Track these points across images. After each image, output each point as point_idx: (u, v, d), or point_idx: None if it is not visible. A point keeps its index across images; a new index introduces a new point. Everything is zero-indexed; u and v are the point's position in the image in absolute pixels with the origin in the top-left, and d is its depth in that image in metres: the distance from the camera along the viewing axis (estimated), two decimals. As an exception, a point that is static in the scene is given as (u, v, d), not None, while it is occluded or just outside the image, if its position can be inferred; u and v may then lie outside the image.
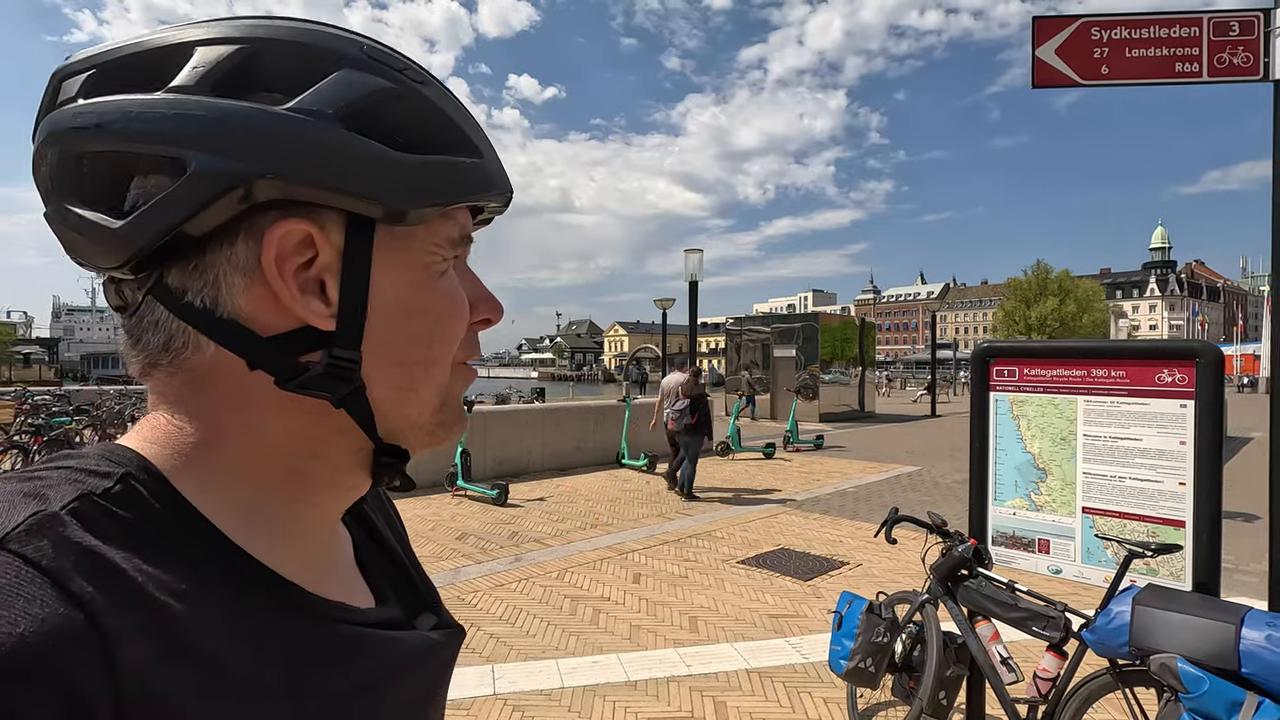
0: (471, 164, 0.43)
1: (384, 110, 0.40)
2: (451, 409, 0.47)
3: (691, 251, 15.10)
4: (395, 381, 0.43)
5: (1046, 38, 2.19)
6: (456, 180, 0.42)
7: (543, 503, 7.64)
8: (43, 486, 0.36)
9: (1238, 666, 1.84)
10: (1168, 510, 2.27)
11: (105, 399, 12.01)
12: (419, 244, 0.43)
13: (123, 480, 0.37)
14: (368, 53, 0.41)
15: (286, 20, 0.41)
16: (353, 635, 0.44)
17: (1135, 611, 2.05)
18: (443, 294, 0.44)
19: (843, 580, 5.06)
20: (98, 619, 0.32)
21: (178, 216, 0.36)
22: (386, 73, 0.41)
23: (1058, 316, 56.28)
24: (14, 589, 0.31)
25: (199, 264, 0.38)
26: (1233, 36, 2.20)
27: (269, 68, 0.39)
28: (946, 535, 2.77)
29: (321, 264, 0.40)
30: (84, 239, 0.39)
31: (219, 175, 0.36)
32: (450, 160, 0.42)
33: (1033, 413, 2.58)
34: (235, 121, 0.37)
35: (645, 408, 11.24)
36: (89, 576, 0.33)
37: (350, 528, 0.53)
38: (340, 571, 0.49)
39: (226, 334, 0.39)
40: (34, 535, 0.33)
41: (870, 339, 21.17)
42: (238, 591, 0.38)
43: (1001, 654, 2.53)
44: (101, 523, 0.35)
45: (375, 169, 0.39)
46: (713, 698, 3.30)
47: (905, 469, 10.42)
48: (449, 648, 0.52)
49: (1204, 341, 2.33)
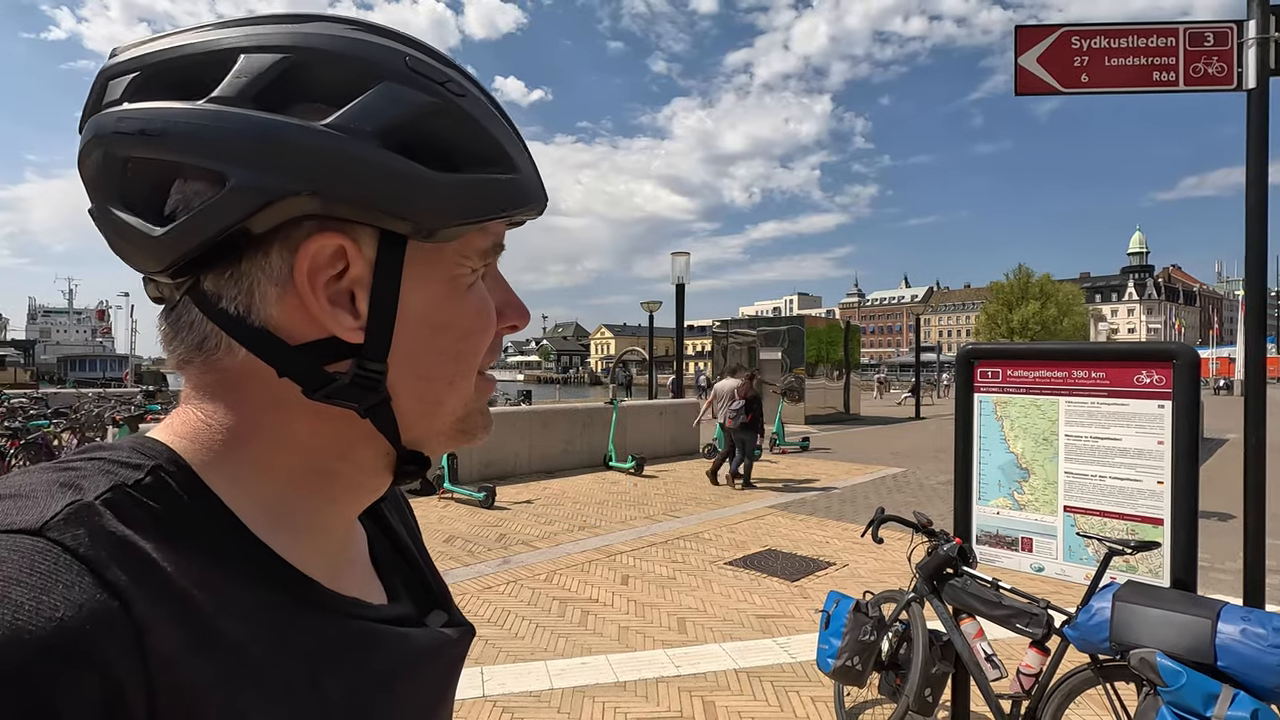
0: (508, 180, 0.43)
1: (423, 127, 0.40)
2: (473, 417, 0.47)
3: (679, 255, 15.15)
4: (421, 394, 0.44)
5: (1028, 46, 2.25)
6: (492, 197, 0.42)
7: (530, 505, 7.62)
8: (77, 477, 0.37)
9: (1214, 660, 1.88)
10: (1146, 508, 2.32)
11: (84, 402, 11.82)
12: (450, 257, 0.43)
13: (153, 472, 0.38)
14: (410, 65, 0.41)
15: (330, 25, 0.41)
16: (367, 630, 0.44)
17: (1115, 608, 2.09)
18: (470, 307, 0.45)
19: (829, 581, 5.10)
20: (131, 606, 0.33)
21: (215, 228, 0.37)
22: (428, 86, 0.41)
23: (1039, 320, 57.11)
24: (53, 575, 0.32)
25: (234, 272, 0.39)
26: (1207, 47, 2.26)
27: (311, 78, 0.39)
28: (932, 535, 2.81)
29: (353, 277, 0.40)
30: (125, 242, 0.40)
31: (257, 190, 0.37)
32: (486, 178, 0.42)
33: (1016, 413, 2.63)
34: (274, 136, 0.37)
35: (633, 410, 11.25)
36: (123, 565, 0.34)
37: (366, 525, 0.54)
38: (356, 568, 0.50)
39: (257, 341, 0.40)
40: (71, 524, 0.34)
41: (855, 342, 21.32)
42: (260, 584, 0.39)
43: (986, 651, 2.57)
44: (133, 513, 0.36)
45: (412, 188, 0.39)
46: (701, 698, 3.32)
47: (890, 470, 10.51)
48: (459, 646, 0.53)
49: (1181, 344, 2.39)
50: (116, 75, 0.40)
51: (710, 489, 8.74)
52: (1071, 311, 59.54)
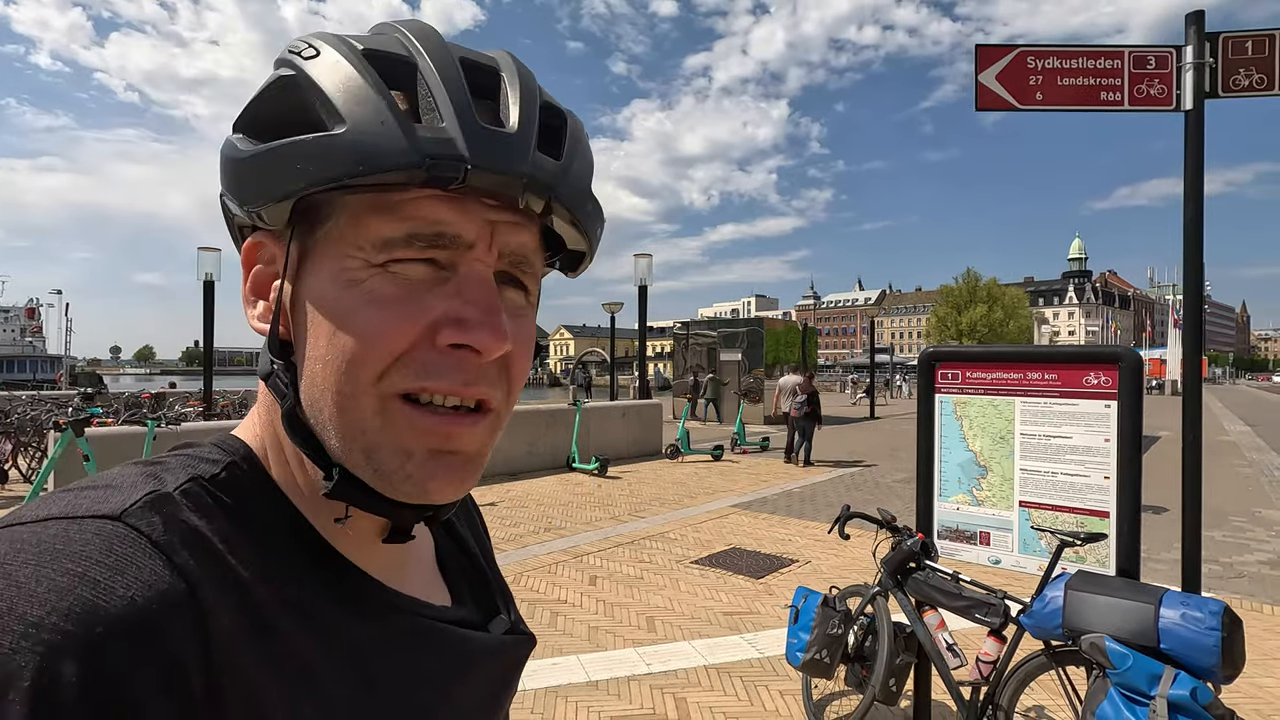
0: (318, 139, 0.36)
1: (270, 105, 0.39)
2: (385, 456, 0.39)
3: (641, 256, 15.21)
4: (311, 402, 0.40)
5: (988, 64, 2.37)
6: (298, 164, 0.37)
7: (494, 507, 7.56)
8: (161, 470, 0.39)
9: (1157, 643, 2.01)
10: (1094, 502, 2.47)
11: (17, 405, 11.22)
12: (338, 249, 0.39)
13: (229, 468, 0.41)
14: (290, 46, 0.40)
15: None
16: (425, 628, 0.46)
17: (1068, 596, 2.21)
18: (346, 303, 0.38)
19: (793, 577, 5.21)
20: (197, 591, 0.34)
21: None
22: (289, 60, 0.39)
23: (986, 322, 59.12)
24: (129, 558, 0.34)
25: None
26: (1149, 70, 2.42)
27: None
28: (896, 530, 2.92)
29: (274, 270, 0.43)
30: None
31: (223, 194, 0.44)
32: (293, 141, 0.37)
33: (974, 413, 2.75)
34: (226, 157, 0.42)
35: (596, 412, 11.26)
36: (192, 551, 0.35)
37: (432, 528, 0.54)
38: (419, 569, 0.51)
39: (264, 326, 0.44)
40: (148, 511, 0.36)
41: (812, 343, 21.76)
42: (320, 578, 0.41)
43: (947, 641, 2.68)
44: (206, 504, 0.38)
45: (230, 167, 0.41)
46: (673, 694, 3.37)
47: (848, 470, 10.76)
48: (519, 652, 0.54)
49: (1126, 348, 2.54)
50: None
51: (672, 489, 8.81)
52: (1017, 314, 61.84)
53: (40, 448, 9.12)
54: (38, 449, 9.14)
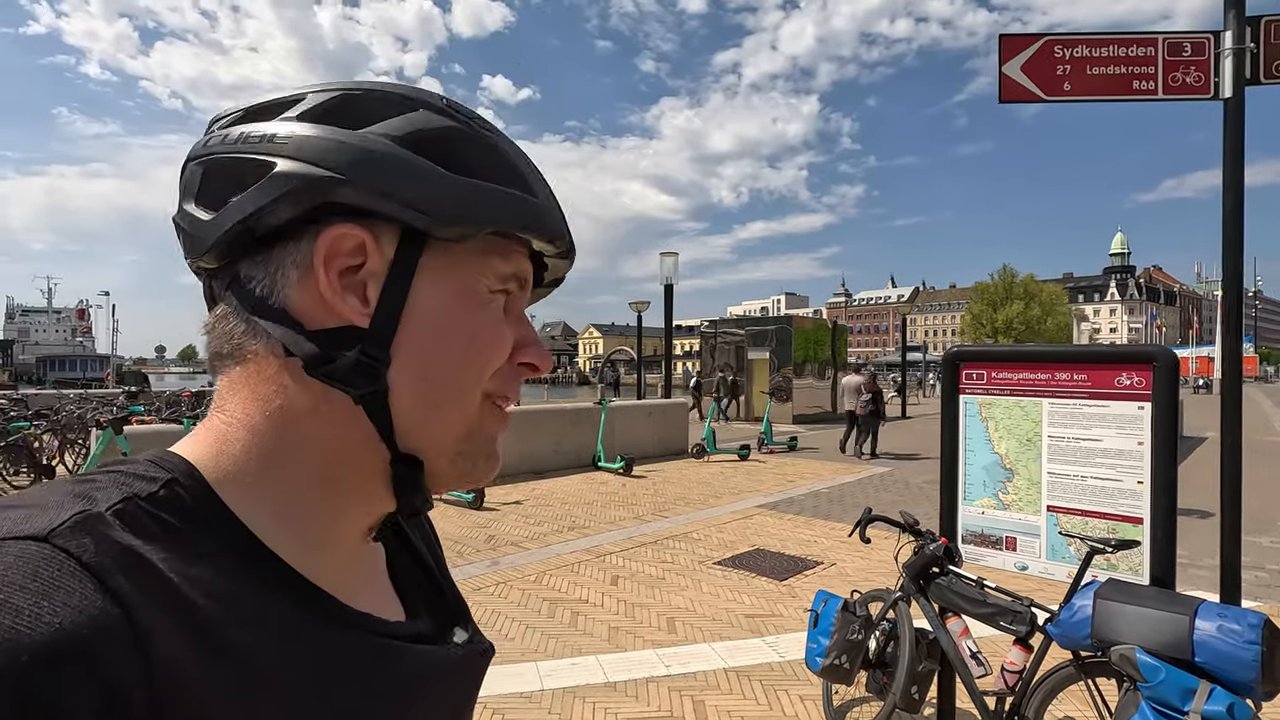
0: (522, 198, 0.46)
1: (446, 142, 0.44)
2: (478, 443, 0.47)
3: (667, 255, 15.18)
4: (421, 396, 0.44)
5: (1012, 54, 2.28)
6: (505, 208, 0.45)
7: (519, 506, 7.62)
8: (92, 489, 0.38)
9: (1191, 656, 1.92)
10: (1126, 508, 2.37)
11: (65, 403, 11.66)
12: (467, 269, 0.45)
13: (167, 485, 0.39)
14: (446, 103, 0.46)
15: (388, 82, 0.47)
16: (380, 646, 0.45)
17: (1097, 605, 2.14)
18: (481, 320, 0.46)
19: (817, 580, 5.14)
20: (133, 614, 0.33)
21: (252, 208, 0.41)
22: (460, 119, 0.46)
23: (1023, 320, 57.71)
24: (55, 582, 0.32)
25: (266, 257, 0.43)
26: (1185, 57, 2.31)
27: (363, 108, 0.44)
28: (918, 534, 2.85)
29: (370, 269, 0.43)
30: (188, 232, 0.44)
31: (292, 175, 0.41)
32: (501, 189, 0.45)
33: (1000, 415, 2.67)
34: (317, 136, 0.42)
35: (621, 410, 11.26)
36: (127, 573, 0.34)
37: (386, 541, 0.54)
38: (372, 583, 0.50)
39: (274, 319, 0.42)
40: (77, 532, 0.34)
41: (842, 341, 21.44)
42: (270, 596, 0.40)
43: (971, 648, 2.61)
44: (143, 524, 0.37)
45: (424, 182, 0.43)
46: (691, 697, 3.34)
47: (877, 470, 10.60)
48: (478, 664, 0.53)
49: (1160, 346, 2.44)
50: (219, 118, 0.46)
51: (697, 489, 8.78)
52: (1055, 311, 60.24)
53: (85, 444, 9.45)
54: (83, 445, 9.47)
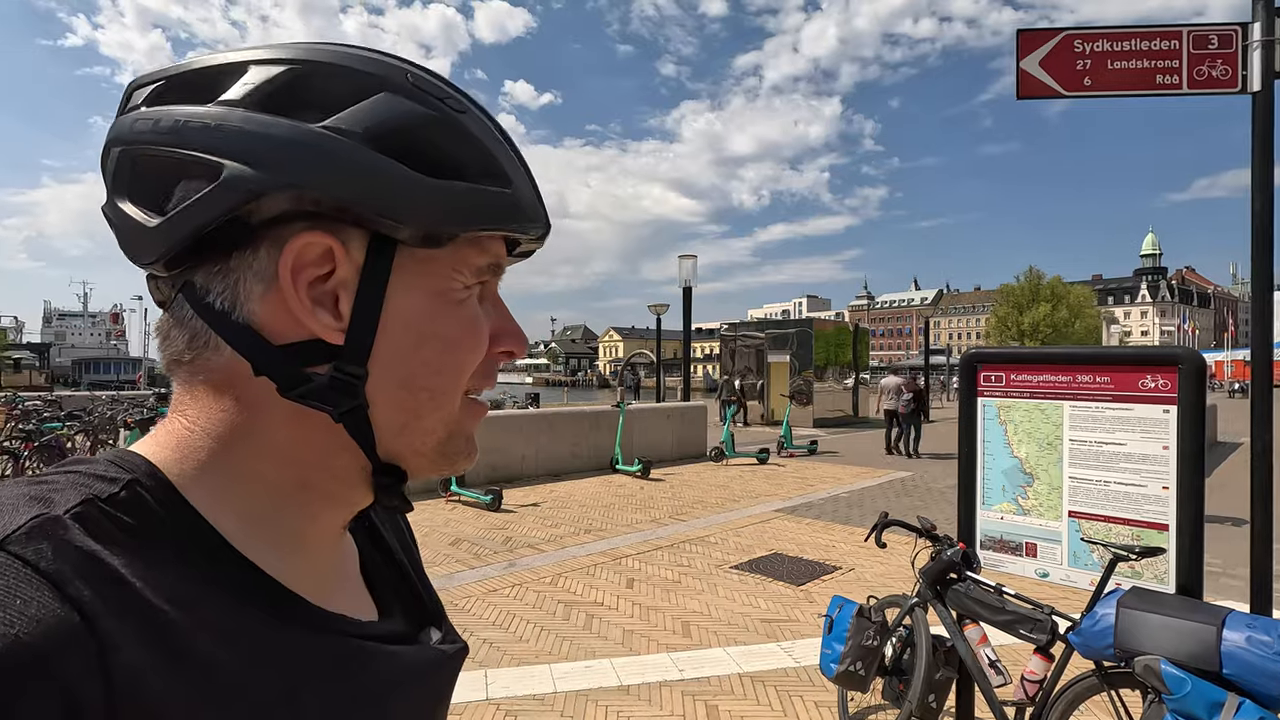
0: (498, 193, 0.43)
1: (416, 135, 0.41)
2: (458, 442, 0.46)
3: (686, 257, 15.16)
4: (400, 404, 0.42)
5: (1030, 50, 2.24)
6: (481, 207, 0.42)
7: (536, 508, 7.64)
8: (49, 491, 0.36)
9: (1219, 668, 1.87)
10: (1151, 514, 2.31)
11: (98, 404, 11.95)
12: (440, 269, 0.43)
13: (129, 486, 0.38)
14: (412, 80, 0.42)
15: (341, 46, 0.42)
16: (353, 648, 0.44)
17: (1120, 614, 2.08)
18: (458, 321, 0.44)
19: (835, 585, 5.08)
20: (94, 622, 0.32)
21: (205, 219, 0.38)
22: (426, 100, 0.41)
23: (1050, 322, 56.65)
24: (11, 590, 0.31)
25: (224, 268, 0.40)
26: (1211, 49, 2.24)
27: (314, 88, 0.40)
28: (935, 539, 2.80)
29: (339, 278, 0.40)
30: (127, 235, 0.41)
31: (246, 182, 0.38)
32: (476, 188, 0.42)
33: (1019, 418, 2.61)
34: (267, 134, 0.38)
35: (639, 413, 11.26)
36: (87, 580, 0.33)
37: (358, 539, 0.53)
38: (344, 583, 0.49)
39: (238, 337, 0.40)
40: (34, 538, 0.33)
41: (864, 345, 21.24)
42: (239, 600, 0.39)
43: (990, 657, 2.56)
44: (104, 527, 0.35)
45: (394, 188, 0.40)
46: (705, 702, 3.32)
47: (899, 474, 10.46)
48: (452, 664, 0.52)
49: (1187, 348, 2.37)
50: (141, 85, 0.42)
51: (715, 492, 8.73)
52: (1083, 314, 59.05)
53: (116, 445, 9.68)
54: (114, 446, 9.70)
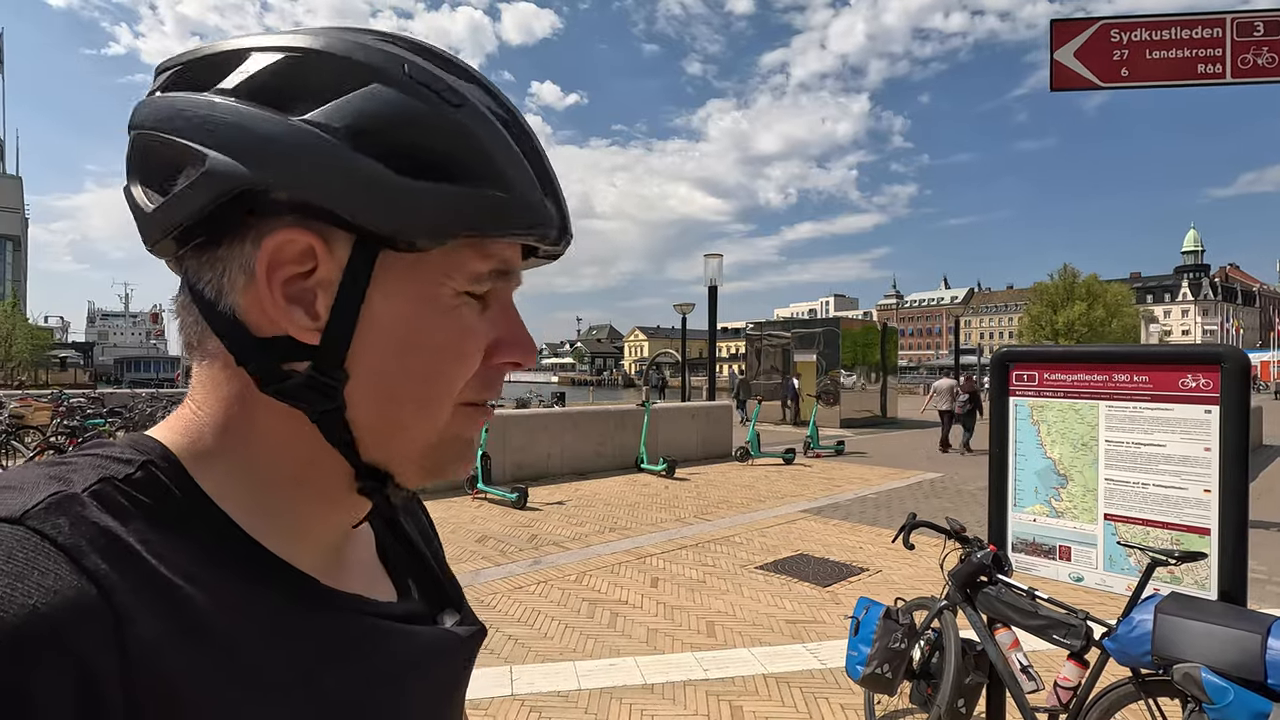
0: (492, 196, 0.40)
1: (401, 132, 0.39)
2: (449, 449, 0.44)
3: (711, 256, 15.11)
4: (382, 412, 0.41)
5: (1065, 40, 2.18)
6: (466, 214, 0.40)
7: (562, 506, 7.67)
8: (68, 471, 0.37)
9: (1264, 677, 1.80)
10: (1192, 517, 2.23)
11: (138, 402, 12.32)
12: (429, 274, 0.41)
13: (144, 467, 0.38)
14: (408, 70, 0.40)
15: (351, 31, 0.41)
16: (369, 626, 0.44)
17: (1158, 620, 2.02)
18: (445, 329, 0.42)
19: (862, 586, 5.01)
20: (111, 596, 0.32)
21: (189, 209, 0.39)
22: (420, 93, 0.39)
23: (1086, 321, 55.15)
24: (30, 563, 0.31)
25: (213, 256, 0.40)
26: (1257, 36, 2.16)
27: (309, 76, 0.39)
28: (965, 541, 2.75)
29: (320, 277, 0.39)
30: (136, 217, 0.42)
31: (225, 176, 0.37)
32: (463, 191, 0.40)
33: (1053, 418, 2.55)
34: (248, 127, 0.38)
35: (664, 413, 11.24)
36: (104, 555, 0.33)
37: (374, 524, 0.53)
38: (360, 565, 0.49)
39: (222, 325, 0.40)
40: (52, 513, 0.34)
41: (892, 344, 20.93)
42: (251, 580, 0.39)
43: (1022, 662, 2.50)
44: (119, 505, 0.36)
45: (371, 190, 0.38)
46: (729, 702, 3.30)
47: (928, 475, 10.30)
48: (470, 645, 0.52)
49: (1230, 346, 2.29)
50: (163, 70, 0.43)
51: (740, 492, 8.68)
52: (1121, 313, 57.34)
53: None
54: (152, 441, 9.99)
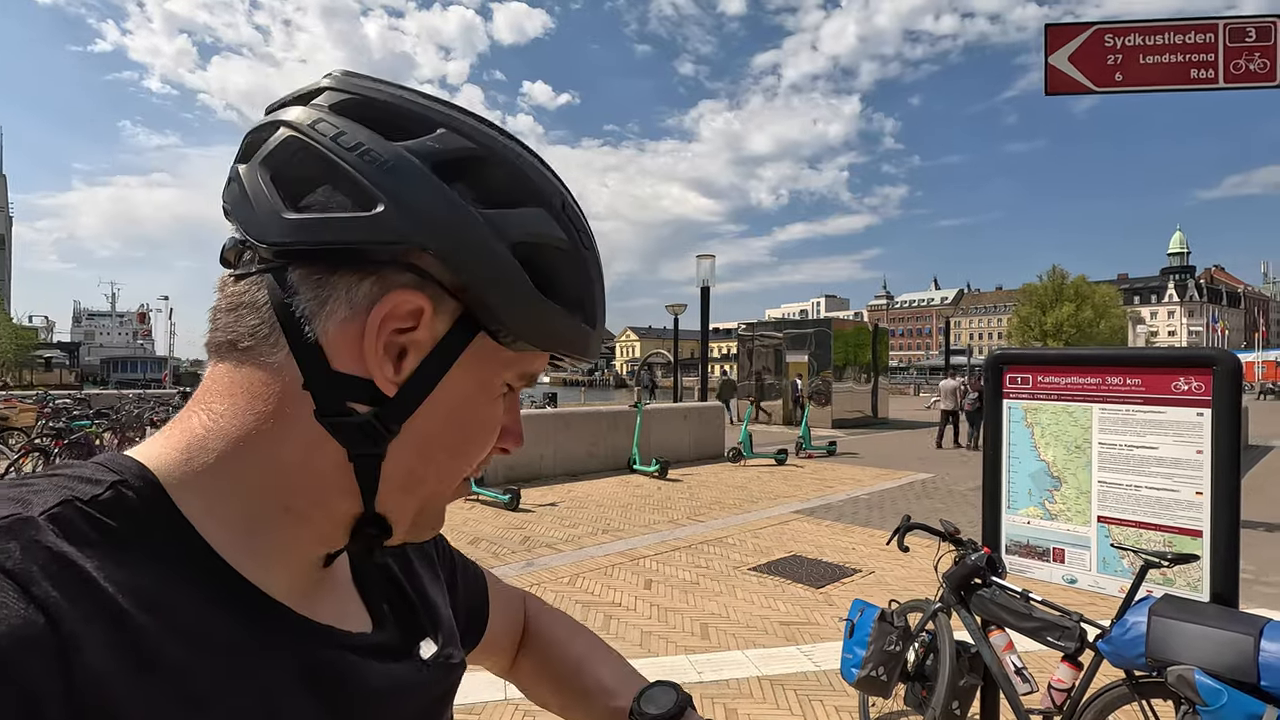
0: (584, 329, 0.46)
1: (548, 255, 0.43)
2: (434, 513, 0.48)
3: (703, 257, 15.13)
4: (411, 469, 0.44)
5: (1059, 45, 2.19)
6: (568, 337, 0.45)
7: (554, 508, 7.65)
8: (29, 492, 0.36)
9: (1257, 679, 1.81)
10: (1185, 520, 2.25)
11: (125, 403, 12.18)
12: (496, 364, 0.45)
13: (113, 488, 0.37)
14: (563, 206, 0.45)
15: (524, 148, 0.45)
16: (337, 659, 0.43)
17: (1151, 622, 2.03)
18: (487, 415, 0.46)
19: (855, 588, 5.02)
20: (59, 624, 0.32)
21: (339, 238, 0.39)
22: (568, 229, 0.45)
23: (1074, 322, 55.61)
24: None
25: (323, 279, 0.40)
26: (1249, 42, 2.18)
27: (486, 175, 0.42)
28: (959, 543, 2.75)
29: (415, 337, 0.41)
30: (251, 204, 0.41)
31: (394, 226, 0.39)
32: (570, 321, 0.45)
33: (1047, 420, 2.56)
34: (433, 196, 0.40)
35: (657, 413, 11.24)
36: (55, 581, 0.33)
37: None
38: (334, 592, 0.49)
39: (302, 347, 0.40)
40: (3, 537, 0.33)
41: (883, 345, 21.03)
42: (218, 607, 0.38)
43: (1016, 664, 2.51)
44: (79, 528, 0.35)
45: (513, 292, 0.42)
46: (724, 705, 3.29)
47: (919, 476, 10.34)
48: (445, 680, 0.51)
49: (1221, 349, 2.30)
50: (334, 88, 0.43)
51: (733, 493, 8.69)
52: (1109, 314, 57.87)
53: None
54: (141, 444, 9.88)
